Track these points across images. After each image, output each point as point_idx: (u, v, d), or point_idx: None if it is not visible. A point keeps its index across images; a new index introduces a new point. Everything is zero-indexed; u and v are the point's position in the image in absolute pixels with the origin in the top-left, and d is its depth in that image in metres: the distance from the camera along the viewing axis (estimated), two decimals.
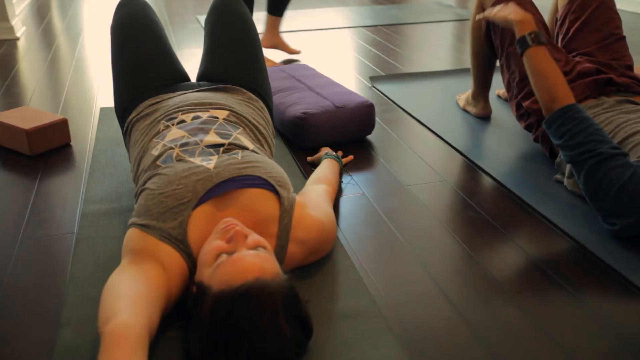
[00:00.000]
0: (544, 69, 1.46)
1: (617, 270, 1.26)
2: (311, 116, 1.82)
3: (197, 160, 1.16)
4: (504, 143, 1.92)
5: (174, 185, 1.11)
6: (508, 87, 1.84)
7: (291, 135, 1.88)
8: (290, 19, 3.85)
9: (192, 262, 1.06)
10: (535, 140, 1.80)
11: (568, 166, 1.54)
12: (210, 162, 1.15)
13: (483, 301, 1.17)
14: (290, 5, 4.34)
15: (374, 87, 2.51)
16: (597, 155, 1.31)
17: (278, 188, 1.14)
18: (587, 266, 1.28)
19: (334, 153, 1.65)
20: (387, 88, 2.47)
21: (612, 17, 1.78)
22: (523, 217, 1.48)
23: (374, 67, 2.80)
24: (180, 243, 1.06)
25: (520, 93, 1.77)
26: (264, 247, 1.00)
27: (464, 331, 1.09)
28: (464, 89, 2.45)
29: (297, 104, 1.91)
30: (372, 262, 1.30)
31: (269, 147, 1.41)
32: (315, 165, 1.74)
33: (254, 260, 0.94)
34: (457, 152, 1.87)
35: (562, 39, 1.86)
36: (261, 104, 1.51)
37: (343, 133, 1.88)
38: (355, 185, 1.65)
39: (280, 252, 1.12)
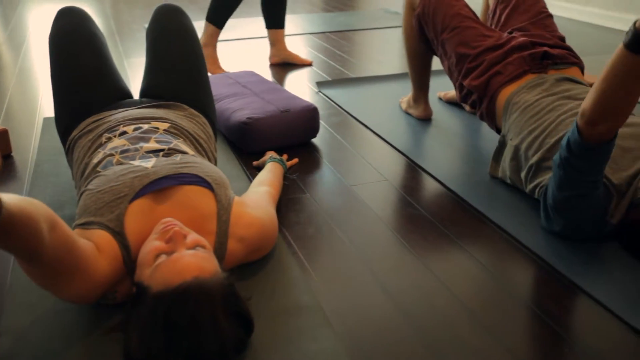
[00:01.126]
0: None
1: (543, 259, 1.33)
2: (256, 121, 1.85)
3: (136, 163, 1.18)
4: (444, 143, 1.99)
5: (112, 182, 1.13)
6: (450, 74, 1.88)
7: (237, 140, 1.90)
8: (240, 27, 3.87)
9: (127, 253, 1.08)
10: (481, 117, 1.81)
11: (509, 154, 1.60)
12: (149, 163, 1.18)
13: (421, 294, 1.23)
14: (239, 14, 4.36)
15: (321, 92, 2.56)
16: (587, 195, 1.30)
17: (214, 186, 1.17)
18: (519, 257, 1.36)
19: (278, 157, 1.69)
20: (333, 93, 2.53)
21: (537, 1, 1.88)
22: (459, 212, 1.55)
23: (321, 73, 2.85)
24: (118, 235, 1.07)
25: (460, 74, 1.81)
26: (203, 247, 1.03)
27: (402, 324, 1.14)
28: (407, 92, 2.53)
29: (242, 109, 1.94)
30: (314, 260, 1.34)
31: (210, 161, 1.43)
32: (260, 169, 1.78)
33: (192, 260, 0.96)
34: (399, 152, 1.94)
35: (496, 27, 1.95)
36: (203, 119, 1.53)
37: (288, 137, 1.92)
38: (299, 187, 1.69)
39: (219, 249, 1.15)
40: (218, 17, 2.73)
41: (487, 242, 1.41)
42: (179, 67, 1.55)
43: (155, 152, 1.24)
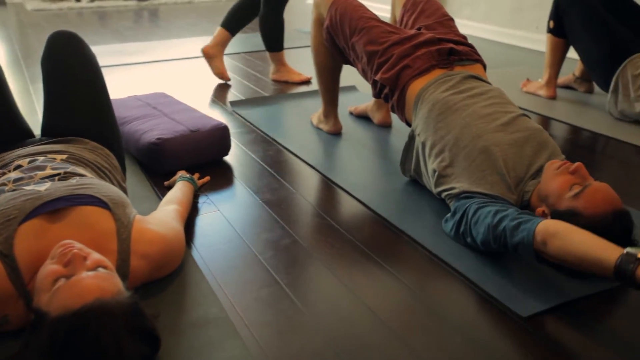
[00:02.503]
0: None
1: (439, 257, 1.42)
2: (166, 141, 1.86)
3: (29, 188, 1.16)
4: (354, 156, 2.08)
5: (2, 207, 1.11)
6: (364, 75, 1.94)
7: (147, 161, 1.90)
8: (153, 50, 3.85)
9: (16, 276, 1.06)
10: (392, 109, 1.86)
11: (416, 148, 1.68)
12: (42, 187, 1.16)
13: (325, 298, 1.28)
14: (156, 36, 4.33)
15: (235, 111, 2.59)
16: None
17: (111, 205, 1.18)
18: (418, 257, 1.44)
19: (188, 175, 1.70)
20: (247, 112, 2.57)
21: (440, 7, 2.02)
22: (370, 223, 1.62)
23: (235, 93, 2.89)
24: (6, 257, 1.05)
25: (372, 71, 1.87)
26: (105, 266, 1.02)
27: (308, 327, 1.18)
28: (319, 108, 2.61)
29: (152, 130, 1.94)
30: (224, 274, 1.36)
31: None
32: (171, 188, 1.78)
33: (93, 281, 0.96)
34: (310, 167, 2.00)
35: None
36: (106, 151, 1.51)
37: (199, 156, 1.93)
38: (211, 204, 1.71)
39: (122, 267, 1.15)
40: (233, 25, 3.01)
41: (395, 249, 1.49)
42: (78, 104, 1.50)
43: (50, 177, 1.22)
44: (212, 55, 3.03)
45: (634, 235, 1.29)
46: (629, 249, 1.09)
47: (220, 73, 3.06)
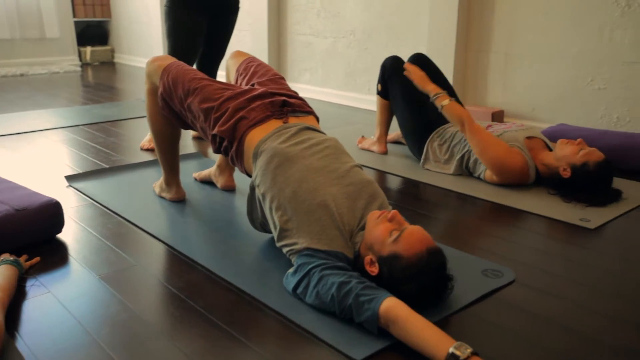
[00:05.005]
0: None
1: (281, 313, 1.46)
2: None
3: None
4: (197, 222, 2.07)
5: None
6: (204, 133, 1.95)
7: None
8: None
9: None
10: (232, 161, 1.88)
11: (258, 200, 1.73)
12: None
13: (143, 351, 1.24)
14: None
15: (71, 185, 2.47)
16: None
17: None
18: (262, 317, 1.46)
19: (11, 258, 1.59)
20: (84, 185, 2.46)
21: (271, 69, 2.13)
22: (210, 285, 1.61)
23: (72, 167, 2.76)
24: None
25: (210, 127, 1.89)
26: None
27: None
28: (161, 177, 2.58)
29: None
30: (51, 357, 1.27)
31: None
32: None
33: None
34: (152, 236, 1.96)
35: None
36: None
37: (27, 235, 1.81)
38: (40, 286, 1.60)
39: None
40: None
41: (243, 316, 1.49)
42: None
43: None
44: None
45: (448, 269, 1.44)
46: (453, 350, 1.18)
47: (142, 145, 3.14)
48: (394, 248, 1.42)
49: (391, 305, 1.31)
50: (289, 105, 1.89)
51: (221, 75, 5.11)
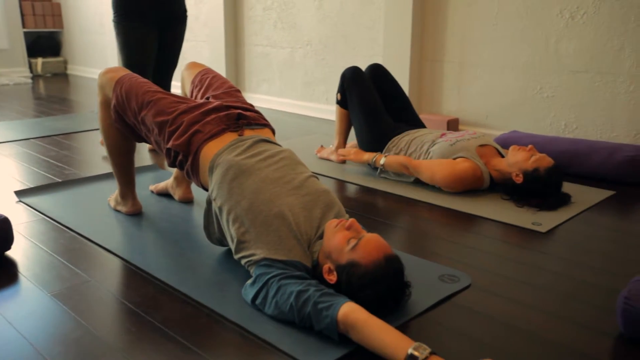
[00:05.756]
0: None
1: (242, 326, 1.45)
2: None
3: None
4: (154, 235, 2.04)
5: None
6: (158, 146, 1.92)
7: None
8: None
9: None
10: (187, 175, 1.86)
11: (215, 214, 1.71)
12: None
13: None
14: None
15: (21, 201, 2.40)
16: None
17: None
18: (219, 330, 1.44)
19: None
20: (35, 200, 2.39)
21: (226, 81, 2.12)
22: (167, 299, 1.59)
23: (22, 181, 2.67)
24: None
25: (164, 141, 1.87)
26: None
27: None
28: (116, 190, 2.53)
29: None
30: None
31: None
32: None
33: None
34: (107, 251, 1.91)
35: None
36: None
37: None
38: None
39: None
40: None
41: (200, 329, 1.47)
42: None
43: None
44: None
45: (405, 276, 1.46)
46: (411, 351, 1.20)
47: None
48: (351, 256, 1.43)
49: (349, 310, 1.32)
50: (244, 118, 1.89)
51: (175, 86, 5.06)
